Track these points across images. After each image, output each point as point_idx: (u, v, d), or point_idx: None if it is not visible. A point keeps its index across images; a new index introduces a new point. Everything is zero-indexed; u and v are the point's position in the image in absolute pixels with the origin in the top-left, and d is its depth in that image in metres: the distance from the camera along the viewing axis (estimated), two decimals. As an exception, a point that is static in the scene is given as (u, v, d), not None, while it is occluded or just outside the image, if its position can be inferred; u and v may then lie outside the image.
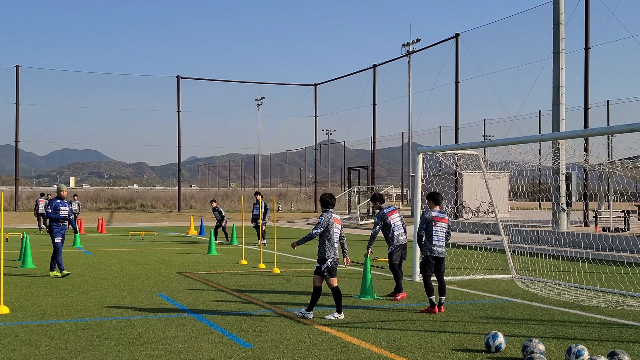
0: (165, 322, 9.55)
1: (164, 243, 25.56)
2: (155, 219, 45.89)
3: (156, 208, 55.46)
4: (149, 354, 7.69)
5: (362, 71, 48.24)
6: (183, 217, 47.53)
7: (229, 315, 10.14)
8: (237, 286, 13.40)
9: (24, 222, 40.72)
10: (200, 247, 23.55)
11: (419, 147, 14.42)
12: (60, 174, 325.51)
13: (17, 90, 47.73)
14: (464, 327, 9.41)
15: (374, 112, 46.50)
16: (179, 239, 27.99)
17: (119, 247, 23.15)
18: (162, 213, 51.21)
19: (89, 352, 7.76)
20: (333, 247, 10.11)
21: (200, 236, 30.29)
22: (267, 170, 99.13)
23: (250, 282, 14.13)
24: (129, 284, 13.58)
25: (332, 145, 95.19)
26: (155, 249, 22.71)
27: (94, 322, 9.53)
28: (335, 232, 10.16)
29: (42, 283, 13.76)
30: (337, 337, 8.65)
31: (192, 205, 56.64)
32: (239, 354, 7.73)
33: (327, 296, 12.24)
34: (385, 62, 46.52)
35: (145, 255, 20.02)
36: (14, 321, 9.60)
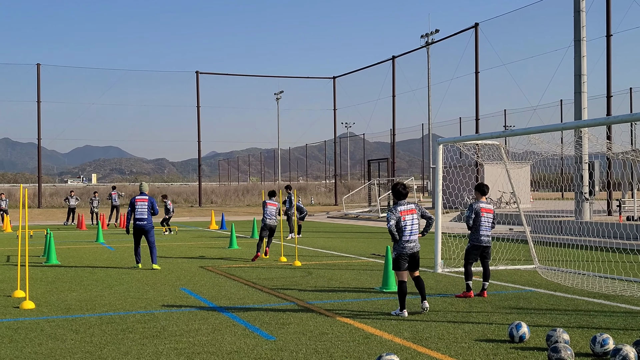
0: (189, 316, 9.61)
1: (186, 238, 25.70)
2: (176, 214, 46.05)
3: (177, 203, 55.74)
4: (173, 347, 7.74)
5: (381, 63, 48.06)
6: (204, 211, 47.73)
7: (251, 308, 10.17)
8: (259, 279, 13.44)
9: (47, 219, 41.13)
10: (221, 241, 23.65)
11: (439, 138, 14.35)
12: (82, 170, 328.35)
13: (39, 88, 48.16)
14: (487, 318, 9.36)
15: (393, 104, 46.35)
16: (200, 234, 28.13)
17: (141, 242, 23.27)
18: (183, 208, 51.46)
19: (114, 346, 7.83)
20: (401, 240, 9.58)
21: (222, 230, 30.42)
22: (287, 164, 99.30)
23: (271, 275, 14.17)
24: (152, 278, 13.68)
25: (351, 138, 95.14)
26: (177, 243, 22.84)
27: (118, 316, 9.61)
28: (406, 224, 9.57)
29: (66, 278, 13.89)
30: (359, 329, 8.65)
31: (212, 200, 56.89)
32: (261, 346, 7.75)
33: (361, 291, 12.28)
34: (404, 53, 46.35)
35: (167, 250, 20.14)
36: (40, 316, 9.70)
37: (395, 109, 46.36)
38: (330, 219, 40.92)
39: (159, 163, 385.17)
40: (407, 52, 46.42)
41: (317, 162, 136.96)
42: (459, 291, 11.49)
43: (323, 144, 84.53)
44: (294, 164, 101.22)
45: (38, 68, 48.14)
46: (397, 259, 9.63)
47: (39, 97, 48.09)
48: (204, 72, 53.04)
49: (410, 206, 9.71)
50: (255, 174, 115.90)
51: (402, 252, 9.58)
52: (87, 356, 7.39)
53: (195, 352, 7.50)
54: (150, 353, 7.49)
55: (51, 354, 7.47)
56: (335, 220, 39.57)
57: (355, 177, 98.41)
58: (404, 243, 9.57)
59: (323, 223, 36.69)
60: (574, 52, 25.77)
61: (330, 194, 62.16)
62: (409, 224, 9.59)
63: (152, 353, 7.49)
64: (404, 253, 9.58)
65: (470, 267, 11.22)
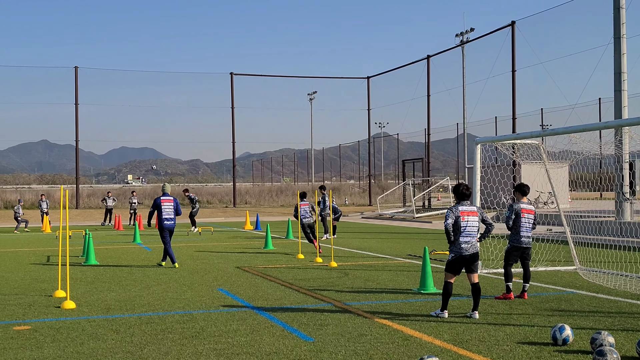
0: (227, 316, 9.62)
1: (221, 238, 25.83)
2: (211, 215, 46.43)
3: (212, 204, 56.12)
4: (212, 348, 7.75)
5: (416, 62, 47.78)
6: (238, 212, 47.96)
7: (289, 309, 10.16)
8: (295, 280, 13.43)
9: (85, 220, 41.71)
10: (257, 241, 23.71)
11: (477, 138, 14.19)
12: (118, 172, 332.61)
13: (77, 91, 48.87)
14: (528, 320, 9.21)
15: (428, 104, 46.06)
16: (235, 234, 28.25)
17: (177, 243, 23.45)
18: (217, 208, 51.78)
19: (154, 346, 7.87)
20: (457, 241, 9.39)
21: (257, 231, 30.52)
22: (320, 164, 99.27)
23: (308, 276, 14.14)
24: (189, 279, 13.75)
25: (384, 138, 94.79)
26: (213, 244, 22.96)
27: (157, 316, 9.66)
28: (465, 225, 9.34)
29: (105, 278, 14.04)
30: (398, 331, 8.57)
31: (247, 201, 57.13)
32: (300, 347, 7.72)
33: (398, 293, 12.22)
34: (439, 52, 46.02)
35: (203, 250, 20.26)
36: (80, 316, 9.80)
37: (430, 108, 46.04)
38: (364, 219, 40.81)
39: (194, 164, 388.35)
40: (442, 52, 46.11)
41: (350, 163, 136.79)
42: (499, 293, 11.34)
43: (356, 144, 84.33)
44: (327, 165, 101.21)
45: (76, 71, 48.83)
46: (453, 261, 9.43)
47: (77, 99, 48.79)
48: (238, 74, 53.30)
49: (472, 208, 9.54)
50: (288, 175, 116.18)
51: (460, 252, 9.37)
52: (128, 356, 7.43)
53: (235, 353, 7.50)
54: (190, 353, 7.51)
55: (93, 354, 7.53)
56: (370, 220, 39.45)
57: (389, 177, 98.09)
58: (461, 244, 9.37)
59: (358, 223, 36.59)
60: (614, 49, 25.31)
61: (364, 194, 62.00)
62: (468, 225, 9.38)
63: (191, 353, 7.51)
64: (462, 254, 9.36)
65: (510, 268, 11.06)
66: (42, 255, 19.26)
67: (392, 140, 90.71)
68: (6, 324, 9.24)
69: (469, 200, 9.63)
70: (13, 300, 11.28)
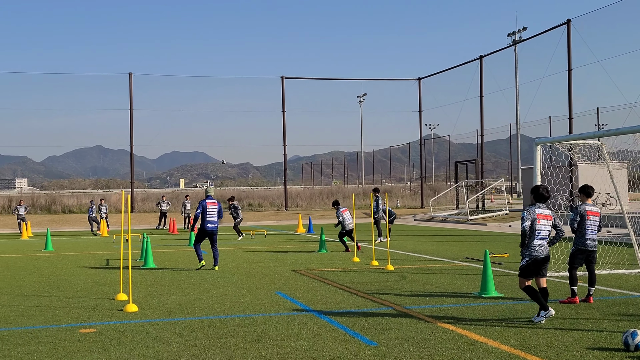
0: (287, 320, 9.61)
1: (275, 241, 25.92)
2: (263, 218, 46.70)
3: (263, 207, 56.44)
4: (276, 352, 7.73)
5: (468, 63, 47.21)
6: (290, 215, 48.12)
7: (349, 313, 10.09)
8: (353, 283, 13.36)
9: (140, 223, 42.39)
10: (310, 244, 23.72)
11: (537, 138, 13.90)
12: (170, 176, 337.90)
13: (131, 97, 49.72)
14: (596, 325, 8.96)
15: (481, 105, 45.43)
16: (288, 237, 28.32)
17: (231, 246, 23.65)
18: (269, 212, 52.05)
19: (218, 349, 7.89)
20: (531, 244, 9.16)
21: (309, 234, 30.54)
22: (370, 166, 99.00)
23: (365, 279, 14.06)
24: (247, 282, 13.81)
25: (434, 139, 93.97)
26: (267, 247, 23.05)
27: (218, 320, 9.71)
28: (540, 229, 9.14)
29: (164, 282, 14.20)
30: (462, 335, 8.43)
31: (298, 204, 57.28)
32: (364, 352, 7.65)
33: (459, 296, 12.07)
34: (492, 52, 45.37)
35: (258, 254, 20.36)
36: (143, 319, 9.91)
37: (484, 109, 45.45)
38: (417, 221, 40.49)
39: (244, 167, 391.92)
40: (495, 52, 45.44)
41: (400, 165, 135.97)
42: (563, 297, 11.07)
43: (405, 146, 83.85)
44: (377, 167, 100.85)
45: (130, 77, 49.71)
46: (528, 265, 9.15)
47: (131, 105, 49.65)
48: (289, 77, 53.51)
49: (548, 211, 9.30)
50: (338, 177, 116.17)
51: (534, 256, 9.12)
52: (193, 359, 7.47)
53: (298, 357, 7.47)
54: (254, 357, 7.51)
55: (158, 357, 7.59)
56: (423, 223, 39.12)
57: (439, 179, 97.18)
58: (535, 247, 9.12)
59: (411, 226, 36.32)
60: (675, 45, 24.53)
61: (416, 196, 61.56)
62: (542, 229, 9.16)
63: (255, 357, 7.51)
64: (536, 258, 9.12)
65: (575, 271, 10.80)
66: (101, 259, 19.61)
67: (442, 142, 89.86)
68: (72, 326, 9.40)
69: (546, 202, 9.39)
70: (77, 303, 11.49)
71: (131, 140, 49.70)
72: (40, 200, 53.55)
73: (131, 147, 49.81)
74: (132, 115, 49.62)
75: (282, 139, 53.58)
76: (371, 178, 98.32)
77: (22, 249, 24.18)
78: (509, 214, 37.75)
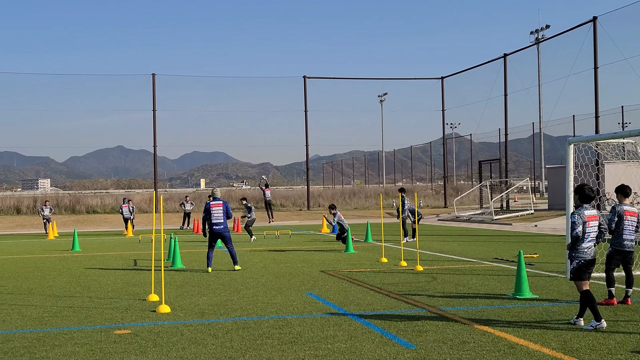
0: (321, 322, 9.53)
1: (300, 242, 25.86)
2: (286, 218, 46.68)
3: (285, 207, 56.41)
4: (314, 354, 7.66)
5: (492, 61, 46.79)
6: (313, 215, 48.06)
7: (383, 315, 10.00)
8: (383, 284, 13.25)
9: (164, 223, 42.52)
10: (336, 245, 23.63)
11: (569, 137, 13.69)
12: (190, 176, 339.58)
13: (154, 97, 49.89)
14: (637, 327, 8.80)
15: (505, 104, 45.02)
16: (313, 237, 28.25)
17: (257, 246, 23.63)
18: (292, 212, 52.01)
19: (255, 352, 7.83)
20: (581, 247, 8.97)
21: (334, 234, 30.41)
22: (391, 166, 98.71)
23: (395, 280, 13.95)
24: (277, 283, 13.75)
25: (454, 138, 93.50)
26: (293, 247, 23.00)
27: (252, 321, 9.65)
28: (589, 232, 8.98)
29: (194, 282, 14.19)
30: (501, 338, 8.30)
31: (320, 204, 57.20)
32: (403, 355, 7.55)
33: (493, 298, 11.92)
34: (516, 51, 44.96)
35: (284, 254, 20.31)
36: (177, 320, 9.89)
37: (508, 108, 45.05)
38: (441, 221, 40.26)
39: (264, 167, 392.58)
40: (519, 50, 45.01)
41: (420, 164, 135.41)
42: (600, 298, 10.88)
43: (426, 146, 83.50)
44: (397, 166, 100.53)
45: (154, 78, 49.87)
46: (580, 268, 8.94)
47: (155, 105, 49.82)
48: (311, 77, 53.40)
49: (595, 212, 9.13)
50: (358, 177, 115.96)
51: (584, 258, 8.93)
52: (231, 362, 7.42)
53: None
54: (292, 359, 7.44)
55: (195, 359, 7.55)
56: (447, 223, 38.89)
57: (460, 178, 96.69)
58: (584, 249, 8.96)
59: (435, 226, 36.11)
60: None
61: (438, 196, 61.22)
62: (592, 231, 9.02)
63: (293, 359, 7.45)
64: (586, 260, 8.93)
65: (612, 273, 10.63)
66: (128, 259, 19.67)
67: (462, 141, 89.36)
68: (107, 327, 9.40)
69: (590, 202, 9.22)
70: (109, 304, 11.50)
71: (154, 141, 49.88)
72: (64, 200, 53.94)
73: (154, 147, 49.98)
74: (155, 116, 49.80)
75: (303, 139, 53.56)
76: (391, 177, 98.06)
77: (49, 249, 24.34)
78: (534, 214, 37.41)
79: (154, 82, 49.83)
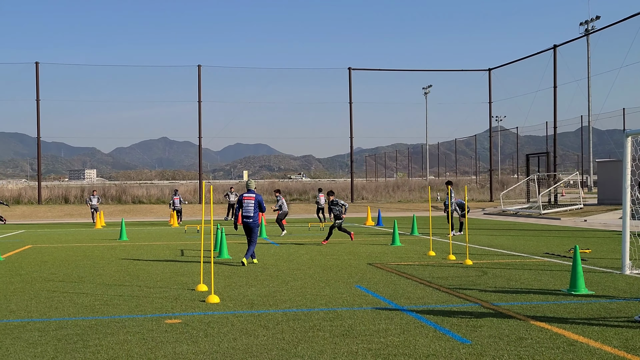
0: (372, 315, 9.39)
1: (345, 234, 25.71)
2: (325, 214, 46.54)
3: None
4: (367, 347, 7.52)
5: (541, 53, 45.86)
6: (356, 208, 47.90)
7: (435, 309, 9.80)
8: (433, 278, 13.05)
9: (208, 214, 42.83)
10: (381, 237, 23.45)
11: (627, 130, 13.27)
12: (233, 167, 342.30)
13: (199, 89, 50.24)
14: (702, 327, 8.45)
15: (554, 96, 44.11)
16: (358, 230, 28.09)
17: (302, 238, 23.59)
18: (335, 204, 51.94)
19: (307, 344, 7.73)
20: None
21: (379, 227, 30.25)
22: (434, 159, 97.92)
23: (444, 274, 13.72)
24: (324, 275, 13.65)
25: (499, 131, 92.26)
26: (338, 239, 22.87)
27: (302, 313, 9.56)
28: None
29: (241, 273, 14.18)
30: (559, 335, 8.05)
31: (363, 196, 57.00)
32: (459, 350, 7.37)
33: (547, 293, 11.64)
34: (566, 42, 43.99)
35: (330, 246, 20.20)
36: (226, 310, 9.85)
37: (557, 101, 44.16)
38: (487, 215, 39.72)
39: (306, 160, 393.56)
40: (569, 41, 44.05)
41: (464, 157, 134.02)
42: (660, 296, 10.53)
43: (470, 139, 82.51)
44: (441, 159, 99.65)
45: (199, 69, 50.20)
46: None
47: (200, 97, 50.14)
48: (356, 69, 53.11)
49: None
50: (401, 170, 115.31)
51: None
52: (283, 353, 7.33)
53: (391, 354, 7.24)
54: (345, 353, 7.32)
55: (248, 350, 7.48)
56: (493, 217, 38.34)
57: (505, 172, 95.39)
58: None
59: (482, 220, 35.63)
60: None
61: (483, 189, 60.50)
62: None
63: (347, 353, 7.31)
64: None
65: None
66: (175, 249, 19.80)
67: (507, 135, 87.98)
68: (157, 317, 9.40)
69: None
70: (158, 293, 11.53)
71: (199, 132, 50.24)
72: (110, 190, 54.75)
73: (199, 138, 50.35)
74: (200, 108, 50.15)
75: (346, 132, 53.43)
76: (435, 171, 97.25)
77: (97, 239, 24.68)
78: (583, 208, 36.63)
79: (199, 73, 50.15)
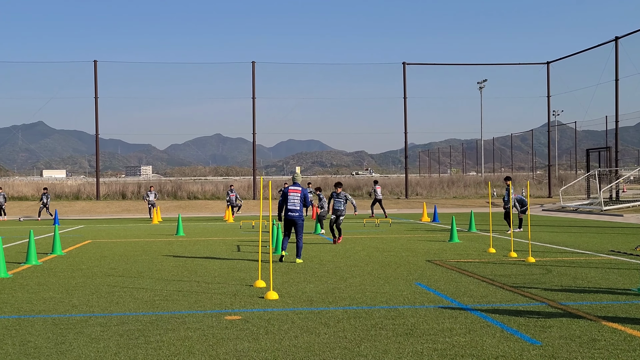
0: (435, 313, 9.14)
1: (401, 230, 25.42)
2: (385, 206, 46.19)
3: (383, 195, 55.94)
4: (432, 347, 7.29)
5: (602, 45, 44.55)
6: (411, 203, 47.44)
7: (500, 308, 9.49)
8: (495, 276, 12.69)
9: (263, 210, 42.99)
10: (439, 234, 23.08)
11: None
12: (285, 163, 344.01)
13: (254, 85, 50.39)
14: None
15: (616, 89, 42.78)
16: (413, 226, 27.75)
17: (357, 234, 23.39)
18: (389, 200, 51.50)
19: (370, 342, 7.54)
20: None
21: (435, 223, 29.83)
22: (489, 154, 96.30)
23: (507, 271, 13.34)
24: (383, 272, 13.43)
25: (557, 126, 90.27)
26: (394, 235, 22.60)
27: (363, 311, 9.37)
28: None
29: (298, 269, 14.05)
30: (635, 337, 7.67)
31: (417, 192, 56.44)
32: (529, 351, 7.07)
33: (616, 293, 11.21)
34: (629, 33, 42.61)
35: (386, 242, 19.95)
36: (286, 307, 9.72)
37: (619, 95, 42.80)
38: (545, 212, 38.82)
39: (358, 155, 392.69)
40: (631, 33, 42.62)
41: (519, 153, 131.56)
42: None
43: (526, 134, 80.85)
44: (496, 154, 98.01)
45: (253, 66, 50.37)
46: None
47: (254, 93, 50.31)
48: (411, 63, 52.57)
49: None
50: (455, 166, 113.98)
51: None
52: (346, 352, 7.15)
53: (458, 355, 6.99)
54: (410, 352, 7.10)
55: (310, 348, 7.33)
56: (552, 213, 37.44)
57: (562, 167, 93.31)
58: None
59: (541, 217, 34.83)
60: None
61: (540, 185, 59.21)
62: None
63: (412, 352, 7.09)
64: None
65: None
66: (231, 245, 19.83)
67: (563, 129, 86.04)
68: (217, 312, 9.34)
69: None
70: (217, 289, 11.49)
71: (253, 128, 50.45)
72: (166, 186, 55.45)
73: (253, 135, 50.56)
74: (254, 104, 50.34)
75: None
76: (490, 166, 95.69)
77: (154, 234, 24.93)
78: (646, 205, 35.46)
79: (253, 70, 50.33)
